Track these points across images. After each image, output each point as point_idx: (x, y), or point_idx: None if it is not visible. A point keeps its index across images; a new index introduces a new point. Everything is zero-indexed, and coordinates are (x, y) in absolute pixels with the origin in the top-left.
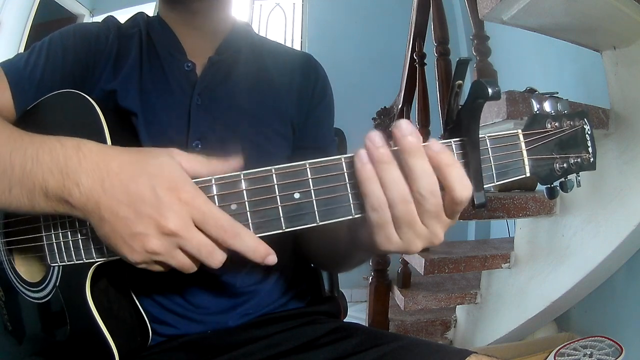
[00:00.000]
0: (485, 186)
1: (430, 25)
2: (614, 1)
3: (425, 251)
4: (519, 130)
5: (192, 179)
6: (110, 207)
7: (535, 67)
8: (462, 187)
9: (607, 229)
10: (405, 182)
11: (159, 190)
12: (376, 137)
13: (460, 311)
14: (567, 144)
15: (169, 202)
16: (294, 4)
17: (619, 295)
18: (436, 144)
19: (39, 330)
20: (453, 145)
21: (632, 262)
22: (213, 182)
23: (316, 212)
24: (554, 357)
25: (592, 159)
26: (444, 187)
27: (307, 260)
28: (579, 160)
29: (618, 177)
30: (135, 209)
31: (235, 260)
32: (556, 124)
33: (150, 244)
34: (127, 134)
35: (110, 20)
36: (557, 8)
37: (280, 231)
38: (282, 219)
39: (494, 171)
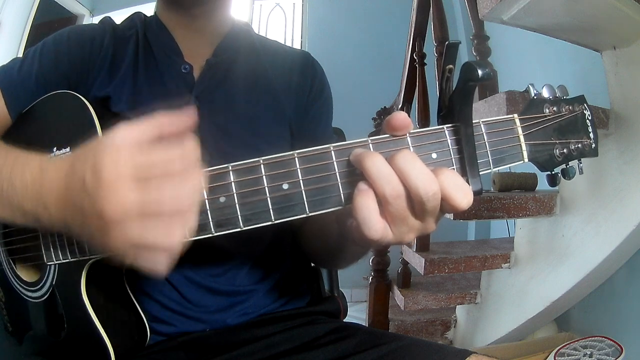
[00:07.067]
0: (481, 172)
1: (430, 25)
2: (614, 1)
3: (425, 251)
4: (515, 115)
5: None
6: (73, 223)
7: (535, 67)
8: (424, 180)
9: (607, 229)
10: (400, 181)
11: (88, 180)
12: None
13: (460, 311)
14: (567, 129)
15: (95, 194)
16: (294, 4)
17: (619, 295)
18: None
19: (38, 330)
20: (446, 132)
21: (632, 262)
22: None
23: (305, 203)
24: (554, 357)
25: (593, 145)
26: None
27: (307, 260)
28: (579, 145)
29: (618, 177)
30: (83, 221)
31: (235, 259)
32: (554, 109)
33: (124, 235)
34: None
35: (107, 21)
36: (557, 8)
37: (270, 223)
38: (271, 210)
39: (490, 157)
